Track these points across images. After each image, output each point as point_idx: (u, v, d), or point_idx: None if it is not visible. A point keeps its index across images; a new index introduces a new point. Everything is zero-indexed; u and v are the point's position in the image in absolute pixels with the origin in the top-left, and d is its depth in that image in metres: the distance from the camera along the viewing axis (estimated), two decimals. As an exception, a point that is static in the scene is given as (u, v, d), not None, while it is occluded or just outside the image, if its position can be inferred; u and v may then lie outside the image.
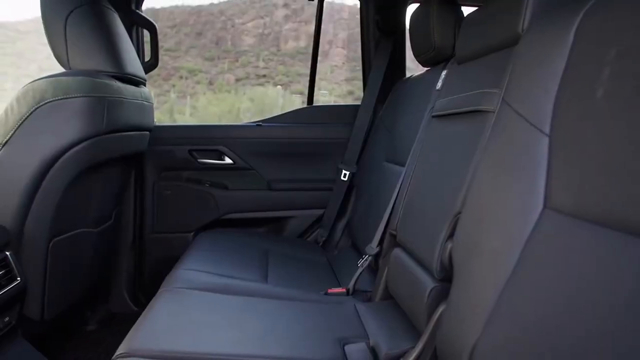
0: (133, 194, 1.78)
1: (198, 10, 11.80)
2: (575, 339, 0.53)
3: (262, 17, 11.85)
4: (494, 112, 0.87)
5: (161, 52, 1.78)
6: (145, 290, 1.84)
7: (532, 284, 0.63)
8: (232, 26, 12.02)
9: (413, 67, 1.82)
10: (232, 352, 0.87)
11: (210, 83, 11.34)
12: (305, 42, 11.67)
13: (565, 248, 0.59)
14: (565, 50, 0.67)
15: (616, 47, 0.57)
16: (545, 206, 0.65)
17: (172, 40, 11.00)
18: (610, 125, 0.56)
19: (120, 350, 0.85)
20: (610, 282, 0.51)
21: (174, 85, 10.42)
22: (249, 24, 11.92)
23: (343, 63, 10.84)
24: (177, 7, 11.75)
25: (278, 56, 11.57)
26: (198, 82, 11.30)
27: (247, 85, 11.13)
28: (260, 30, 11.94)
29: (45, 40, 1.26)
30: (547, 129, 0.68)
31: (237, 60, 11.62)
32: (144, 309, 1.72)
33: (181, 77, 10.74)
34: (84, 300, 1.54)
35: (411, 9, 1.75)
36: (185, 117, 9.93)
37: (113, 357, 0.83)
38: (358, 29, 1.93)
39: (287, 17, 11.51)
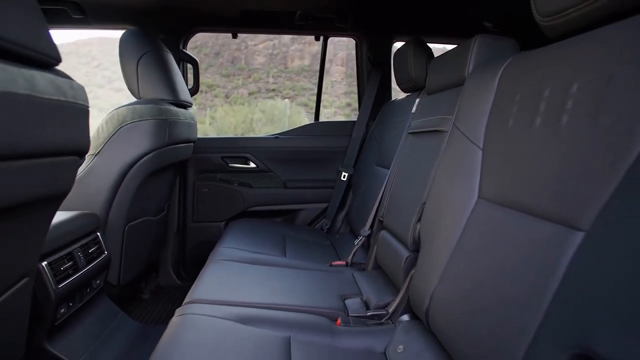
0: (178, 192, 1.87)
1: (216, 34, 11.71)
2: (491, 288, 0.64)
3: (271, 40, 11.74)
4: (447, 132, 0.98)
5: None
6: (186, 267, 1.93)
7: (469, 250, 0.75)
8: (246, 47, 11.91)
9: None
10: (264, 301, 1.00)
11: (227, 96, 11.19)
12: (309, 61, 11.55)
13: (489, 224, 0.71)
14: (492, 92, 0.81)
15: (519, 93, 0.72)
16: (479, 197, 0.78)
17: (194, 60, 10.93)
18: (515, 143, 0.70)
19: (187, 300, 0.98)
20: (512, 245, 0.63)
21: (195, 99, 10.32)
22: (260, 46, 11.83)
23: (342, 79, 10.73)
24: (198, 31, 11.67)
25: (285, 73, 11.44)
26: (216, 96, 11.16)
27: (258, 98, 10.96)
28: (270, 51, 11.85)
29: (83, 60, 1.38)
30: (480, 145, 0.81)
31: (249, 77, 11.47)
32: (186, 282, 1.85)
33: (201, 92, 10.59)
34: (142, 274, 1.66)
35: (395, 47, 1.87)
36: (205, 126, 9.77)
37: (183, 303, 0.97)
38: (355, 50, 2.00)
39: (293, 39, 11.40)
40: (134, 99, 1.36)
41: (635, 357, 0.38)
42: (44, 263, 0.96)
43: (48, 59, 0.58)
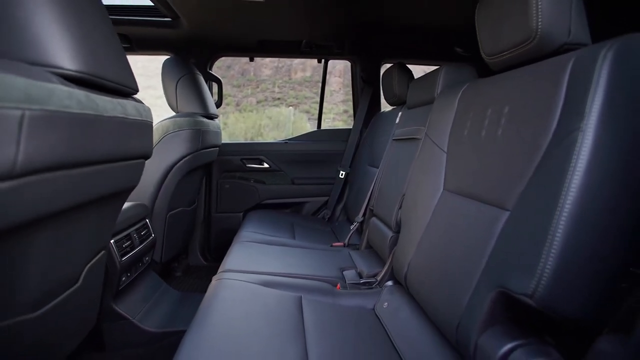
0: (204, 188, 1.95)
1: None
2: (451, 257, 0.73)
3: (277, 54, 11.69)
4: (421, 139, 1.07)
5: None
6: (211, 250, 2.01)
7: (435, 230, 0.84)
8: (254, 60, 11.90)
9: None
10: (280, 271, 1.10)
11: (237, 104, 11.17)
12: (310, 72, 11.55)
13: (451, 209, 0.81)
14: (454, 110, 0.91)
15: (472, 111, 0.84)
16: (443, 189, 0.87)
17: (209, 73, 10.85)
18: (469, 148, 0.80)
19: (221, 269, 1.09)
20: (466, 224, 0.72)
21: (210, 107, 10.22)
22: (267, 59, 11.86)
23: (340, 88, 10.73)
24: (212, 46, 11.59)
25: (290, 83, 11.42)
26: (228, 104, 11.12)
27: (265, 106, 11.00)
28: (276, 64, 11.84)
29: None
30: (445, 149, 0.91)
31: (258, 87, 11.44)
32: (211, 263, 1.89)
33: (215, 100, 10.59)
34: (176, 255, 1.74)
35: (384, 68, 1.91)
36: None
37: (218, 272, 1.07)
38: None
39: (296, 54, 11.33)
40: (154, 106, 1.46)
41: (527, 286, 0.53)
42: (112, 241, 1.07)
43: (132, 91, 0.73)
